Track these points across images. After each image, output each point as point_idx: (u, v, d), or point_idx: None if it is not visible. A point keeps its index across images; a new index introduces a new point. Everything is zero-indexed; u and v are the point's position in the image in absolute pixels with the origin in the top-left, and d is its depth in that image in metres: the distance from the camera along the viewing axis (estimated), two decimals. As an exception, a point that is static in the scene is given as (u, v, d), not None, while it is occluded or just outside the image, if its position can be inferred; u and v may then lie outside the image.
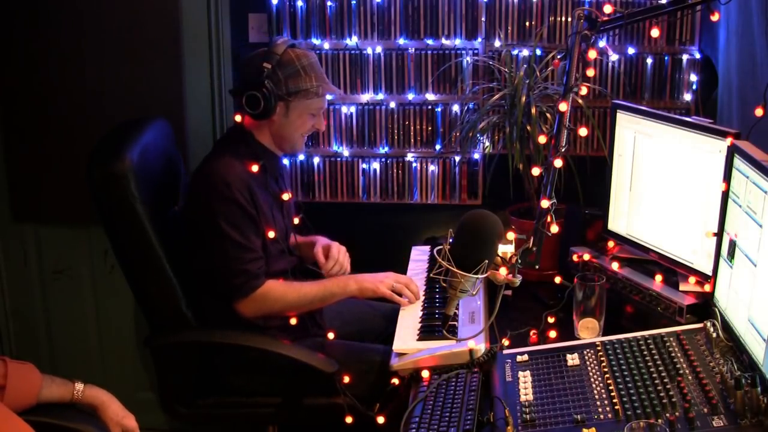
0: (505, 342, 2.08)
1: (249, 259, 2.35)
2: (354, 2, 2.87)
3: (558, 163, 2.09)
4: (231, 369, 2.46)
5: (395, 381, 2.07)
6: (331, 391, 2.33)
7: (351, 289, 2.45)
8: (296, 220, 2.65)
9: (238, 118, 2.44)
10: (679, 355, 1.83)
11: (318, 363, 2.31)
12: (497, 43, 2.85)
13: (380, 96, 2.94)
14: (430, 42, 2.89)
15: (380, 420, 2.12)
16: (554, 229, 2.08)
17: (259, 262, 2.38)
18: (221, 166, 2.34)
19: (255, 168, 2.36)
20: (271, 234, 2.40)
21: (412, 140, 2.97)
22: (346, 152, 3.00)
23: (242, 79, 2.42)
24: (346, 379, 2.32)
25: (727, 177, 1.89)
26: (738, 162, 1.84)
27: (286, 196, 2.50)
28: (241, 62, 2.39)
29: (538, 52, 2.75)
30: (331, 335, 2.51)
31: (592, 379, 1.81)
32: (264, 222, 2.39)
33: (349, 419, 2.30)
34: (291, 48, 2.38)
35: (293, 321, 2.44)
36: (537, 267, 2.09)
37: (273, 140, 2.45)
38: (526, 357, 1.96)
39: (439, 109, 2.93)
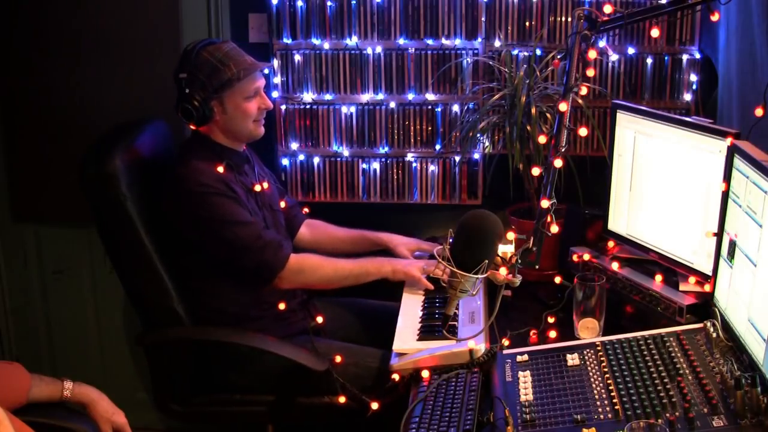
0: (505, 342, 2.08)
1: (260, 231, 2.38)
2: (354, 2, 2.87)
3: (558, 163, 2.09)
4: (224, 366, 2.46)
5: (395, 377, 2.08)
6: (327, 390, 2.33)
7: (385, 270, 2.47)
8: (282, 204, 2.68)
9: (192, 126, 2.46)
10: (679, 355, 1.83)
11: (308, 361, 2.30)
12: (497, 43, 2.85)
13: (380, 96, 2.94)
14: (430, 42, 2.89)
15: (374, 406, 2.13)
16: (554, 229, 2.08)
17: (270, 231, 2.41)
18: (191, 171, 2.36)
19: (221, 169, 2.38)
20: None
21: (412, 140, 2.97)
22: (346, 152, 3.00)
23: (176, 96, 2.42)
24: (338, 359, 2.33)
25: (727, 177, 1.89)
26: (738, 162, 1.84)
27: (258, 188, 2.51)
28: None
29: (538, 52, 2.75)
30: (320, 319, 2.54)
31: (592, 379, 1.81)
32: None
33: (342, 399, 2.29)
34: (202, 48, 2.38)
35: (282, 306, 2.45)
36: (537, 267, 2.09)
37: (227, 137, 2.46)
38: (526, 357, 1.96)
39: (439, 109, 2.93)
